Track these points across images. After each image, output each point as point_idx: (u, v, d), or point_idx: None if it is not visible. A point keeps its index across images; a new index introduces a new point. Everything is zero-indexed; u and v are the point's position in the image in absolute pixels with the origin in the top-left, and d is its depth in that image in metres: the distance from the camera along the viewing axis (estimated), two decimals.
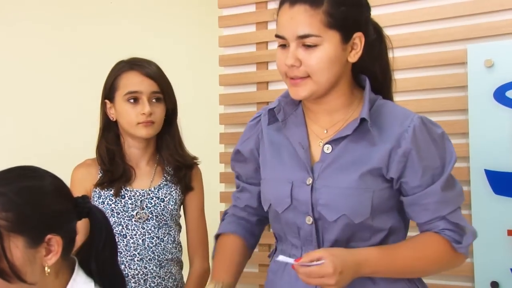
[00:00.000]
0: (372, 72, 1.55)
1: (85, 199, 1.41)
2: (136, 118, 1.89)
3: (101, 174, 1.96)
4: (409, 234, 1.56)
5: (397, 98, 2.05)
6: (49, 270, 1.31)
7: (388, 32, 2.10)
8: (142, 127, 1.90)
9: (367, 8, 1.51)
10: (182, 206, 2.06)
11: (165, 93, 1.93)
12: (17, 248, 1.25)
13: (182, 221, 2.05)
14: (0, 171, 1.32)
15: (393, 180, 1.47)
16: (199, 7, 3.19)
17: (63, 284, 1.34)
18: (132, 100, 1.90)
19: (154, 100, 1.91)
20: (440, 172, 1.47)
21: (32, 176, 1.33)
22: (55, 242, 1.30)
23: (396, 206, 1.51)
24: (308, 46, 1.43)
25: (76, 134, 2.67)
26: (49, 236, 1.29)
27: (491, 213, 1.94)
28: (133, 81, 1.91)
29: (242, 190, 1.71)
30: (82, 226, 1.43)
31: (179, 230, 2.05)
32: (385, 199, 1.49)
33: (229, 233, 1.69)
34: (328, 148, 1.51)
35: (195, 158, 2.06)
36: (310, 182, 1.50)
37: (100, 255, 1.41)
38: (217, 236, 1.72)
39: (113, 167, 1.95)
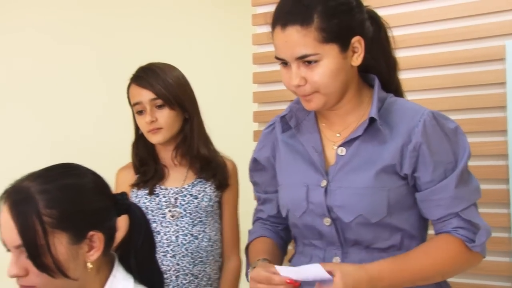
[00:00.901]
0: (377, 67, 1.55)
1: (124, 196, 1.44)
2: (145, 127, 1.97)
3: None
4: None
5: (433, 95, 2.06)
6: (91, 266, 1.33)
7: (425, 28, 2.09)
8: (151, 135, 1.98)
9: (359, 8, 1.49)
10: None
11: (165, 98, 1.95)
12: (61, 244, 1.27)
13: None
14: (42, 169, 1.34)
15: (408, 176, 1.47)
16: (232, 6, 3.19)
17: (103, 280, 1.36)
18: (139, 112, 1.98)
19: (156, 107, 1.95)
20: (453, 167, 1.46)
21: (74, 174, 1.35)
22: (97, 238, 1.32)
23: (414, 206, 1.50)
24: (309, 63, 1.43)
25: (108, 134, 2.71)
26: (91, 232, 1.31)
27: None
28: (134, 94, 1.99)
29: (263, 202, 1.71)
30: (121, 223, 1.44)
31: (219, 229, 2.07)
32: (402, 197, 1.48)
33: (257, 238, 1.68)
34: (342, 151, 1.51)
35: (222, 155, 2.08)
36: (324, 184, 1.51)
37: (139, 252, 1.43)
38: (246, 248, 1.70)
39: (145, 168, 2.03)
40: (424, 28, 2.11)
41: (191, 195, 2.01)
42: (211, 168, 2.03)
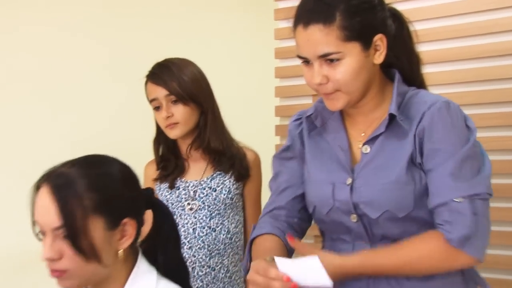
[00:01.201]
0: (400, 63, 1.54)
1: (150, 191, 1.47)
2: (163, 123, 2.02)
3: None
4: None
5: (457, 89, 2.05)
6: (121, 255, 1.35)
7: (448, 22, 2.09)
8: (168, 130, 2.01)
9: (381, 5, 1.48)
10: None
11: (178, 95, 1.98)
12: (97, 228, 1.30)
13: None
14: (78, 157, 1.37)
15: (421, 165, 1.45)
16: (254, 0, 3.19)
17: (128, 271, 1.38)
18: (156, 108, 2.02)
19: (171, 103, 1.99)
20: (450, 156, 1.41)
21: (109, 162, 1.38)
22: (130, 226, 1.35)
23: None
24: (331, 61, 1.43)
25: (132, 129, 2.74)
26: (125, 219, 1.34)
27: None
28: (150, 90, 2.03)
29: (283, 191, 1.66)
30: (145, 218, 1.46)
31: (240, 221, 2.08)
32: (427, 190, 1.45)
33: (266, 234, 1.62)
34: (366, 149, 1.51)
35: (242, 146, 2.10)
36: (350, 182, 1.50)
37: (165, 247, 1.46)
38: (250, 242, 1.65)
39: (165, 163, 2.08)
40: (447, 22, 2.11)
41: (209, 187, 2.03)
42: (227, 159, 2.04)
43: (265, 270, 1.37)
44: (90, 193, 1.30)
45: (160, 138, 2.10)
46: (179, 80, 1.98)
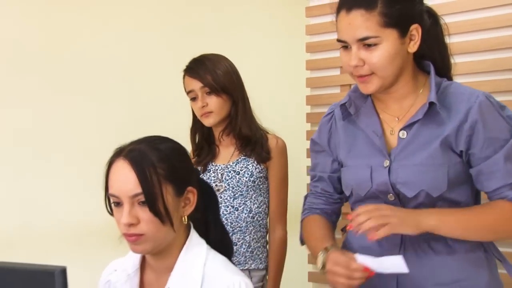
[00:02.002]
0: (432, 55, 1.56)
1: (198, 170, 1.55)
2: (198, 112, 2.11)
3: None
4: None
5: (472, 79, 2.07)
6: (186, 220, 1.41)
7: (474, 16, 2.09)
8: (204, 118, 2.11)
9: (419, 0, 1.51)
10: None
11: (212, 87, 2.07)
12: (169, 194, 1.36)
13: None
14: (142, 137, 1.43)
15: (463, 153, 1.49)
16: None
17: (183, 241, 1.42)
18: (193, 98, 2.11)
19: (206, 94, 2.08)
20: (503, 143, 1.47)
21: (168, 140, 1.44)
22: (192, 194, 1.42)
23: (468, 180, 1.53)
24: (369, 46, 1.45)
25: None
26: (189, 187, 1.41)
27: None
28: (187, 83, 2.13)
29: (319, 179, 1.73)
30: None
31: (264, 202, 2.15)
32: (460, 173, 1.51)
33: (311, 215, 1.72)
34: (403, 134, 1.53)
35: (267, 132, 2.16)
36: (387, 164, 1.53)
37: (214, 221, 1.52)
38: (301, 222, 1.74)
39: (200, 150, 2.18)
40: (473, 15, 2.10)
41: (234, 171, 2.11)
42: (250, 144, 2.11)
43: (346, 263, 1.44)
44: (161, 164, 1.35)
45: (196, 126, 2.19)
46: (212, 74, 2.07)
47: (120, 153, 1.38)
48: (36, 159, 2.55)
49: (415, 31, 1.48)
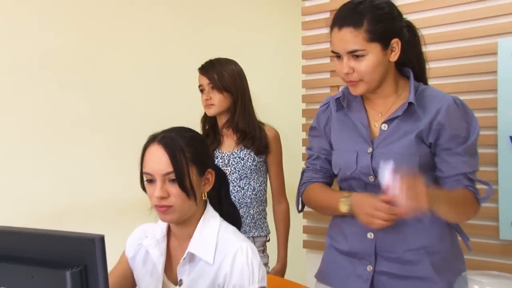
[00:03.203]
0: (411, 63, 1.57)
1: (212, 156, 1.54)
2: (203, 103, 2.13)
3: None
4: None
5: (442, 81, 2.07)
6: (205, 197, 1.43)
7: (436, 30, 2.10)
8: (206, 108, 2.14)
9: (399, 17, 1.51)
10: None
11: (215, 84, 2.09)
12: (193, 174, 1.38)
13: None
14: (170, 127, 1.43)
15: (431, 145, 1.51)
16: (286, 16, 3.22)
17: (201, 213, 1.44)
18: (201, 91, 2.14)
19: (211, 89, 2.10)
20: (463, 141, 1.50)
21: (191, 130, 1.46)
22: (211, 175, 1.44)
23: (432, 168, 1.54)
24: (357, 57, 1.46)
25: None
26: (209, 169, 1.42)
27: None
28: (199, 78, 2.15)
29: (317, 158, 1.71)
30: None
31: (264, 181, 2.17)
32: (427, 161, 1.53)
33: (312, 184, 1.70)
34: (384, 126, 1.54)
35: (266, 126, 2.16)
36: (370, 151, 1.53)
37: (223, 198, 1.53)
38: (302, 191, 1.71)
39: (207, 138, 2.16)
40: (445, 29, 2.12)
41: (239, 157, 2.12)
42: (249, 138, 2.12)
43: (375, 203, 1.44)
44: (188, 148, 1.37)
45: (206, 116, 2.20)
46: (218, 74, 2.10)
47: (154, 139, 1.40)
48: (78, 146, 2.57)
49: (396, 44, 1.49)
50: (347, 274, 1.60)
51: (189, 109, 2.25)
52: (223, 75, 2.10)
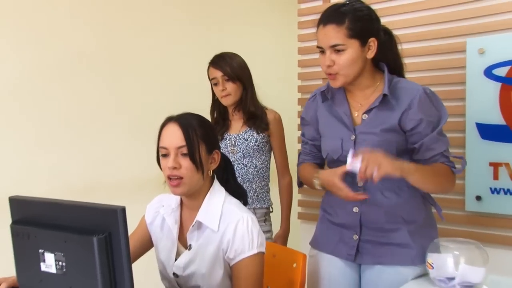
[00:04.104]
0: (386, 60, 1.56)
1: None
2: (220, 94, 2.07)
3: None
4: None
5: (419, 74, 2.07)
6: (211, 173, 1.44)
7: (413, 30, 2.09)
8: (223, 99, 2.07)
9: (377, 20, 1.51)
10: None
11: (230, 76, 2.03)
12: (203, 151, 1.38)
13: None
14: (183, 113, 1.42)
15: (407, 132, 1.50)
16: (283, 17, 3.19)
17: (208, 188, 1.44)
18: (215, 84, 2.07)
19: (225, 81, 2.04)
20: (437, 125, 1.49)
21: (200, 115, 1.46)
22: (217, 155, 1.43)
23: (406, 152, 1.53)
24: (338, 51, 1.45)
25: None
26: (215, 150, 1.44)
27: (478, 151, 1.96)
28: (211, 72, 2.08)
29: (306, 143, 1.72)
30: None
31: (266, 160, 2.12)
32: (402, 146, 1.52)
33: (310, 162, 1.72)
34: (365, 116, 1.53)
35: (268, 109, 2.12)
36: (353, 138, 1.53)
37: (229, 175, 1.53)
38: (298, 170, 1.72)
39: (216, 124, 2.12)
40: (413, 30, 2.12)
41: (243, 138, 2.07)
42: (253, 118, 2.08)
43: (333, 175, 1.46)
44: (199, 128, 1.38)
45: (215, 105, 2.15)
46: (230, 66, 2.04)
47: (171, 119, 1.41)
48: (103, 133, 2.54)
49: (372, 43, 1.48)
50: (336, 241, 1.61)
51: (201, 98, 2.20)
52: (234, 67, 2.05)
